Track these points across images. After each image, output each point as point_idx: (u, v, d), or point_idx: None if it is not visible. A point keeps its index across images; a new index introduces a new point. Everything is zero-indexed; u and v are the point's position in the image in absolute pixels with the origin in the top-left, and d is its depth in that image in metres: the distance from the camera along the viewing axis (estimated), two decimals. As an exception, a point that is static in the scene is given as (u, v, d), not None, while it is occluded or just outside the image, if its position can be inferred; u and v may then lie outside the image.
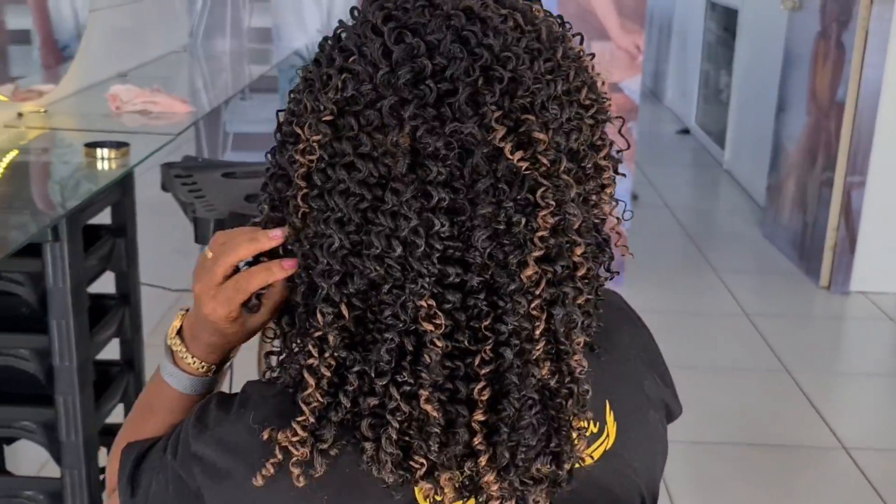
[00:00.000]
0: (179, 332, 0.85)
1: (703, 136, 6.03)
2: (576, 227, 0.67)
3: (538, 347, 0.66)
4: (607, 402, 0.78)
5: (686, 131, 6.30)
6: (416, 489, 0.70)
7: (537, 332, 0.66)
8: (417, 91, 0.64)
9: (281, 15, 3.42)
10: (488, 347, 0.66)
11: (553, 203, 0.65)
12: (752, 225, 4.45)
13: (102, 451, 1.74)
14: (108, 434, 1.83)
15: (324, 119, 0.66)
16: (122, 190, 1.78)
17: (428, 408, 0.65)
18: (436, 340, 0.65)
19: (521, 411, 0.66)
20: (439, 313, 0.65)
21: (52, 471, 1.71)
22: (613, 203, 0.74)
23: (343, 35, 0.69)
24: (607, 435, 0.77)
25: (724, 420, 2.73)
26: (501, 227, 0.64)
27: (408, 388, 0.66)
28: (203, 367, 0.84)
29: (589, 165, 0.69)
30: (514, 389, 0.66)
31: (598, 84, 0.71)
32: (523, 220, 0.64)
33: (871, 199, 3.59)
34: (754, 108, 4.87)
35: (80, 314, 1.58)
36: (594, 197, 0.71)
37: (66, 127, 2.12)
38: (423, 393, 0.65)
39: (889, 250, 3.63)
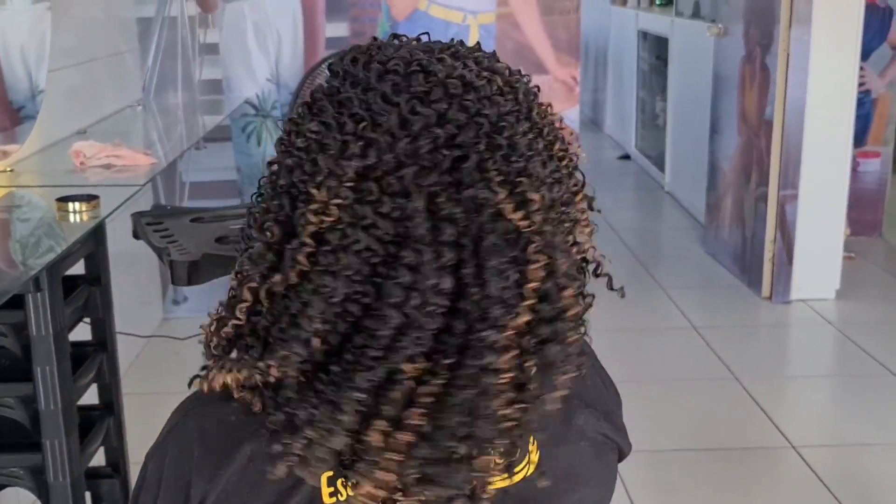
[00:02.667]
0: None
1: (643, 160, 6.22)
2: (563, 271, 0.72)
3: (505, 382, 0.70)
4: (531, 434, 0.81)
5: (627, 157, 6.49)
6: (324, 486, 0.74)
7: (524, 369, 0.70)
8: (435, 159, 0.68)
9: (231, 66, 3.49)
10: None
11: (544, 256, 0.70)
12: (695, 242, 4.62)
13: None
14: (93, 477, 1.90)
15: (345, 184, 0.68)
16: (95, 241, 1.87)
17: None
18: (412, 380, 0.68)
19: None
20: (424, 357, 0.68)
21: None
22: (588, 232, 0.80)
23: (344, 98, 0.71)
24: (528, 462, 0.81)
25: (679, 428, 2.86)
26: (505, 278, 0.68)
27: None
28: None
29: (571, 211, 0.75)
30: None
31: (567, 135, 0.77)
32: (517, 274, 0.69)
33: (804, 211, 3.76)
34: (690, 132, 5.05)
35: (63, 360, 1.66)
36: (573, 234, 0.77)
37: (35, 184, 2.20)
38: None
39: (824, 258, 3.80)
